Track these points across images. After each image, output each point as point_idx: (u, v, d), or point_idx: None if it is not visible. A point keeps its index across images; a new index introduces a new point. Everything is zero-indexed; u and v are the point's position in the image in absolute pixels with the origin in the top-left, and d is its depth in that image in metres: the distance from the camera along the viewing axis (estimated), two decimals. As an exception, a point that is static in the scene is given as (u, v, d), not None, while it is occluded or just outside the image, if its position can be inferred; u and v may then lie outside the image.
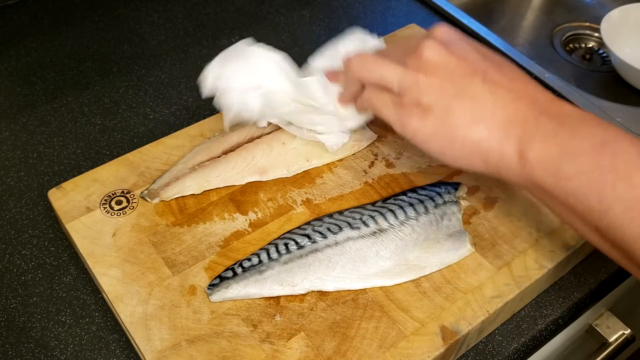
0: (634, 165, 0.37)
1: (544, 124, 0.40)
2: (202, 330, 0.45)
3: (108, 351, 0.48)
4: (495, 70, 0.43)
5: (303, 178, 0.55)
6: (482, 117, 0.42)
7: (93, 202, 0.52)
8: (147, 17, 0.77)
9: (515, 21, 1.00)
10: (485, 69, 0.43)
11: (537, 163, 0.40)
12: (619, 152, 0.38)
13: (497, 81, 0.43)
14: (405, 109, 0.44)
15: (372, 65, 0.47)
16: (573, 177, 0.38)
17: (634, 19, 0.85)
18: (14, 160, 0.61)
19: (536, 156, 0.40)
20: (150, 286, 0.47)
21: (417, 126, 0.44)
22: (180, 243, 0.50)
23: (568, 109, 0.41)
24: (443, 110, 0.43)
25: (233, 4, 0.80)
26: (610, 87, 0.85)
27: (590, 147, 0.38)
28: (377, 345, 0.45)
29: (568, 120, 0.40)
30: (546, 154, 0.39)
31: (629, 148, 0.38)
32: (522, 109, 0.41)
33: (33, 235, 0.55)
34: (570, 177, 0.39)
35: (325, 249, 0.48)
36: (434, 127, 0.43)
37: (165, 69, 0.71)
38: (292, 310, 0.46)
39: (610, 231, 0.38)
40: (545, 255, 0.50)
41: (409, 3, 0.81)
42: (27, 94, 0.68)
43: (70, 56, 0.72)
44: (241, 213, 0.52)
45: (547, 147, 0.40)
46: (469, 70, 0.43)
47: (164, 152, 0.56)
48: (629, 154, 0.38)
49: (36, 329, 0.49)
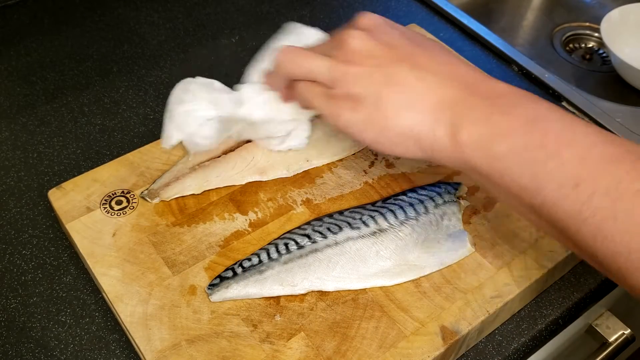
0: (563, 142, 0.37)
1: (474, 105, 0.40)
2: (202, 330, 0.45)
3: (108, 351, 0.48)
4: (423, 55, 0.43)
5: (303, 178, 0.55)
6: (412, 103, 0.42)
7: (93, 202, 0.52)
8: (147, 17, 0.77)
9: (515, 21, 1.00)
10: (412, 54, 0.43)
11: (469, 145, 0.39)
12: (549, 128, 0.38)
13: (425, 66, 0.42)
14: (336, 100, 0.44)
15: (299, 59, 0.46)
16: (505, 156, 0.38)
17: (634, 19, 0.85)
18: (14, 160, 0.61)
19: (468, 138, 0.39)
20: (150, 286, 0.47)
21: (350, 117, 0.44)
22: (180, 243, 0.50)
23: (501, 88, 0.41)
24: (373, 99, 0.42)
25: (233, 4, 0.80)
26: (610, 87, 0.85)
27: (521, 125, 0.38)
28: (377, 345, 0.45)
29: (500, 99, 0.40)
30: (477, 135, 0.39)
31: (557, 124, 0.38)
32: (451, 91, 0.41)
33: (33, 235, 0.55)
34: (502, 157, 0.38)
35: (325, 249, 0.48)
36: (365, 118, 0.43)
37: (165, 69, 0.71)
38: (292, 310, 0.46)
39: (544, 209, 0.38)
40: (545, 255, 0.50)
41: (409, 3, 0.81)
42: (27, 94, 0.68)
43: (70, 56, 0.72)
44: (241, 213, 0.52)
45: (478, 128, 0.39)
46: (395, 57, 0.43)
47: (164, 152, 0.56)
48: (558, 129, 0.38)
49: (36, 329, 0.49)
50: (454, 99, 0.41)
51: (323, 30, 0.52)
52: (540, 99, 0.40)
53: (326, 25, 0.77)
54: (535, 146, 0.37)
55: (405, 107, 0.42)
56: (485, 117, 0.39)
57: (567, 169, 0.36)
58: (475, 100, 0.40)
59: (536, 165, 0.37)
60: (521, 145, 0.38)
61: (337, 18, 0.78)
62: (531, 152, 0.37)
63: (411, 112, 0.41)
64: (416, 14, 0.79)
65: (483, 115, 0.39)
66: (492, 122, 0.39)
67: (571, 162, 0.36)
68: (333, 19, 0.78)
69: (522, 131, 0.38)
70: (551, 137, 0.37)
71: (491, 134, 0.39)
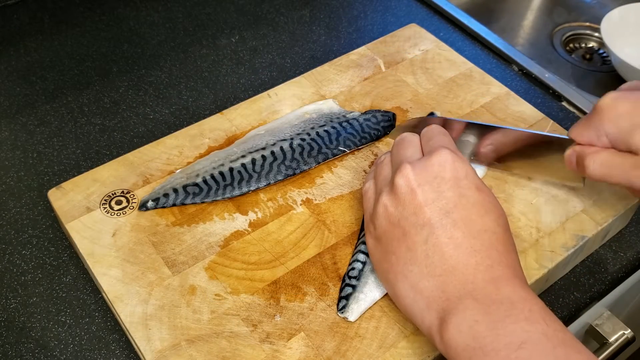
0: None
1: (466, 308, 0.38)
2: (202, 330, 0.45)
3: (108, 351, 0.48)
4: (445, 231, 0.40)
5: (303, 178, 0.55)
6: (410, 275, 0.41)
7: (93, 202, 0.52)
8: (147, 17, 0.77)
9: (515, 21, 1.00)
10: (436, 225, 0.40)
11: (450, 346, 0.38)
12: (533, 358, 0.35)
13: (439, 245, 0.40)
14: (370, 222, 0.45)
15: (376, 165, 0.48)
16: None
17: (634, 19, 0.86)
18: (14, 160, 0.61)
19: (451, 340, 0.37)
20: (150, 286, 0.47)
21: (371, 243, 0.45)
22: (180, 243, 0.50)
23: (503, 294, 0.38)
24: (385, 247, 0.43)
25: (233, 3, 0.80)
26: (610, 87, 0.85)
27: (505, 346, 0.35)
28: (377, 345, 0.44)
29: (495, 309, 0.37)
30: (459, 341, 0.37)
31: (544, 356, 0.35)
32: (449, 285, 0.39)
33: (33, 235, 0.55)
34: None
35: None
36: (379, 255, 0.44)
37: (165, 68, 0.71)
38: (292, 310, 0.46)
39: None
40: (545, 255, 0.50)
41: (409, 3, 0.81)
42: (27, 94, 0.68)
43: (70, 56, 0.72)
44: (241, 213, 0.52)
45: (461, 335, 0.37)
46: (420, 221, 0.41)
47: (164, 152, 0.56)
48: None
49: (36, 329, 0.49)
50: (448, 295, 0.39)
51: (323, 30, 0.52)
52: (537, 316, 0.37)
53: (326, 25, 0.77)
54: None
55: (404, 275, 0.41)
56: (472, 325, 0.37)
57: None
58: (469, 302, 0.38)
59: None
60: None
61: (337, 18, 0.78)
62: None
63: (406, 285, 0.41)
64: (416, 14, 0.79)
65: (471, 323, 0.37)
66: (477, 334, 0.37)
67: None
68: (333, 19, 0.78)
69: (503, 355, 0.35)
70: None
71: (473, 347, 0.36)
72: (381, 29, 0.76)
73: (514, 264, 0.40)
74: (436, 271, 0.40)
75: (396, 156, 0.46)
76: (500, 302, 0.37)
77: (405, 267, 0.41)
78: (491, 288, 0.38)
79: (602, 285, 0.54)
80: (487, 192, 0.43)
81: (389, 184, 0.44)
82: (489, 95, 0.62)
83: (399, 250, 0.42)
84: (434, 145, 0.44)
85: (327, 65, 0.65)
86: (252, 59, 0.72)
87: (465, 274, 0.39)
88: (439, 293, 0.39)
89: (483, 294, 0.38)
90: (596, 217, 0.52)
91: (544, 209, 0.53)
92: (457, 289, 0.39)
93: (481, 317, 0.37)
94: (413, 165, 0.43)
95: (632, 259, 0.55)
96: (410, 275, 0.41)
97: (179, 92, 0.68)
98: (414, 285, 0.41)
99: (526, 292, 0.38)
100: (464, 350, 0.37)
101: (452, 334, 0.37)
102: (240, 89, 0.68)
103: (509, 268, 0.40)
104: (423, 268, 0.40)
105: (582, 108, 0.67)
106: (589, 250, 0.54)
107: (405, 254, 0.41)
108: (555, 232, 0.51)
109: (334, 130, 0.57)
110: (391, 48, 0.67)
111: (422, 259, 0.40)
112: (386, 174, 0.46)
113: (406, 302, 0.41)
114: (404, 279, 0.41)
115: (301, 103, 0.61)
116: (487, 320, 0.37)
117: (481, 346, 0.36)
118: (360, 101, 0.62)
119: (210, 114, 0.64)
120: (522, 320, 0.36)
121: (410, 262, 0.41)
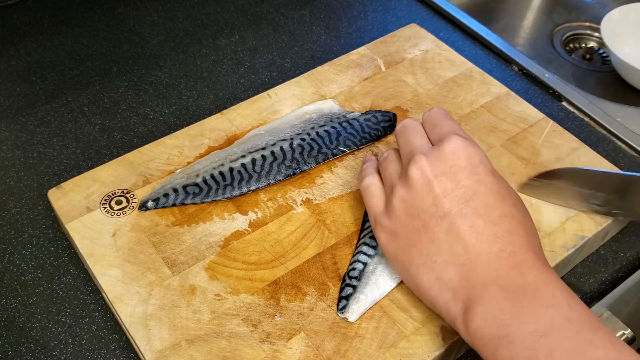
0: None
1: (491, 296, 0.38)
2: (202, 330, 0.45)
3: (108, 351, 0.48)
4: (467, 220, 0.40)
5: (303, 178, 0.55)
6: (434, 267, 0.41)
7: (93, 202, 0.52)
8: (147, 17, 0.77)
9: (515, 21, 1.00)
10: (457, 215, 0.40)
11: (476, 336, 0.38)
12: (558, 346, 0.35)
13: (461, 234, 0.40)
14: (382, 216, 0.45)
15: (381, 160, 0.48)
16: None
17: (634, 19, 0.86)
18: (14, 160, 0.61)
19: (475, 329, 0.38)
20: (150, 286, 0.47)
21: (384, 238, 0.44)
22: (180, 243, 0.50)
23: (527, 279, 0.38)
24: (404, 240, 0.42)
25: (233, 3, 0.80)
26: (610, 87, 0.86)
27: (530, 334, 0.36)
28: (377, 345, 0.44)
29: (520, 295, 0.37)
30: (485, 331, 0.37)
31: (568, 342, 0.35)
32: (473, 274, 0.39)
33: (33, 235, 0.55)
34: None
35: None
36: (396, 249, 0.43)
37: (165, 68, 0.71)
38: (292, 310, 0.46)
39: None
40: (545, 255, 0.50)
41: (409, 3, 0.81)
42: (27, 94, 0.68)
43: (70, 56, 0.72)
44: (241, 213, 0.52)
45: (486, 323, 0.37)
46: (439, 212, 0.41)
47: (164, 152, 0.56)
48: (567, 351, 0.35)
49: (36, 329, 0.49)
50: (472, 283, 0.39)
51: (323, 30, 0.52)
52: (561, 300, 0.37)
53: (326, 25, 0.77)
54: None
55: (427, 266, 0.41)
56: (497, 313, 0.37)
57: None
58: (494, 290, 0.38)
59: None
60: (525, 357, 0.36)
61: (337, 18, 0.78)
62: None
63: (430, 276, 0.41)
64: (416, 14, 0.79)
65: (496, 310, 0.37)
66: (502, 322, 0.37)
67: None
68: (333, 19, 0.78)
69: (530, 341, 0.36)
70: (557, 355, 0.35)
71: (497, 335, 0.37)
72: (381, 29, 0.76)
73: (536, 247, 0.41)
74: (460, 260, 0.40)
75: (405, 146, 0.45)
76: (524, 288, 0.38)
77: (429, 258, 0.41)
78: (515, 274, 0.38)
79: (602, 285, 0.54)
80: (500, 176, 0.43)
81: (403, 177, 0.43)
82: (489, 95, 0.62)
83: (420, 242, 0.41)
84: (442, 132, 0.44)
85: (327, 65, 0.65)
86: (252, 59, 0.72)
87: (489, 261, 0.39)
88: (464, 282, 0.39)
89: (507, 280, 0.38)
90: (596, 217, 0.52)
91: (544, 209, 0.53)
92: (482, 277, 0.39)
93: (506, 304, 0.37)
94: (427, 156, 0.42)
95: (632, 259, 0.55)
96: (434, 267, 0.41)
97: (179, 92, 0.68)
98: (439, 276, 0.40)
99: (549, 274, 0.39)
100: (490, 340, 0.37)
101: (477, 323, 0.38)
102: (240, 89, 0.68)
103: (531, 252, 0.40)
104: (447, 257, 0.40)
105: (582, 108, 0.67)
106: (589, 250, 0.54)
107: (428, 245, 0.41)
108: (555, 232, 0.51)
109: (334, 130, 0.57)
110: (391, 48, 0.67)
111: (445, 249, 0.40)
112: (395, 167, 0.45)
113: (431, 294, 0.41)
114: (429, 270, 0.41)
115: (301, 103, 0.61)
116: (511, 307, 0.37)
117: (506, 334, 0.36)
118: (360, 101, 0.62)
119: (210, 114, 0.64)
120: (547, 306, 0.37)
121: (433, 253, 0.41)
